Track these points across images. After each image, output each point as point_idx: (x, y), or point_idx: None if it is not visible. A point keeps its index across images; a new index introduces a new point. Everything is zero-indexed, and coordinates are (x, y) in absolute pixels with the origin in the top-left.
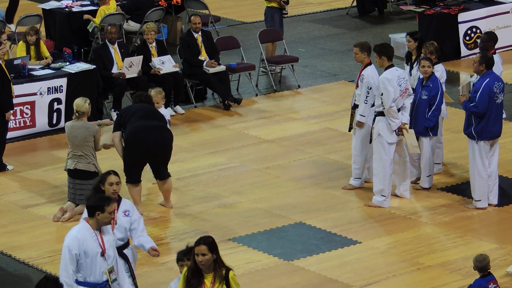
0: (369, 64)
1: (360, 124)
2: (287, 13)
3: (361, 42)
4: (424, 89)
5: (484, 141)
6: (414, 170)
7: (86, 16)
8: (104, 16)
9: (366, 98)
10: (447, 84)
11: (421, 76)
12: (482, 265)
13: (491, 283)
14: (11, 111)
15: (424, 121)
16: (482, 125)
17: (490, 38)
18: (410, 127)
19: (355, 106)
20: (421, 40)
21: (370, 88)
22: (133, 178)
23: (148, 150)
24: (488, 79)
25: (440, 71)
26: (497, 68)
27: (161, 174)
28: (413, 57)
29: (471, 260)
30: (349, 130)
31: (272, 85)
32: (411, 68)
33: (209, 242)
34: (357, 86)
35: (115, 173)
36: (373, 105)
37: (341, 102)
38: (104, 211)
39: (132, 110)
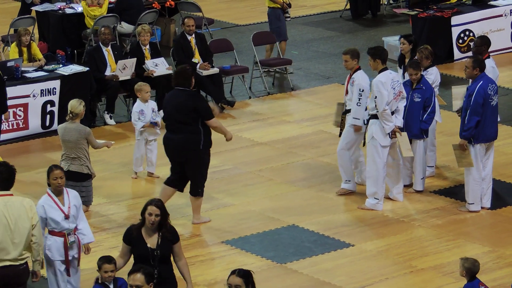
0: (359, 69)
1: (357, 128)
2: (289, 17)
3: (351, 49)
4: (417, 92)
5: (480, 144)
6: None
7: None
8: (98, 19)
9: (359, 100)
10: (440, 87)
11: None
12: (476, 269)
13: (481, 285)
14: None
15: (419, 124)
16: (478, 128)
17: (484, 42)
18: (403, 130)
19: (346, 112)
20: (415, 43)
21: (363, 91)
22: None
23: (175, 158)
24: (481, 82)
25: (434, 74)
26: (494, 72)
27: (192, 189)
28: (407, 60)
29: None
30: (340, 136)
31: (266, 88)
32: (404, 71)
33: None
34: (346, 92)
35: (239, 273)
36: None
37: (335, 104)
38: None
39: (164, 111)
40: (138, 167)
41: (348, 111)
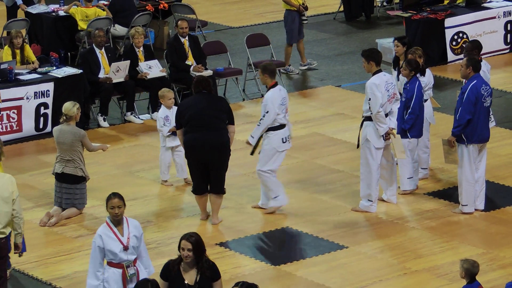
0: (273, 86)
1: (249, 144)
2: (306, 20)
3: (263, 65)
4: (404, 91)
5: (473, 145)
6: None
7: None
8: (91, 21)
9: (260, 120)
10: (434, 89)
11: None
12: (476, 270)
13: None
14: None
15: (401, 123)
16: (471, 127)
17: (475, 46)
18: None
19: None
20: (409, 44)
21: (267, 112)
22: (197, 189)
23: (204, 159)
24: (475, 81)
25: (427, 76)
26: (485, 77)
27: (217, 188)
28: (401, 62)
29: (458, 265)
30: (251, 154)
31: (259, 90)
32: (399, 73)
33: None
34: None
35: (242, 287)
36: (271, 128)
37: (328, 107)
38: None
39: (188, 112)
40: (166, 175)
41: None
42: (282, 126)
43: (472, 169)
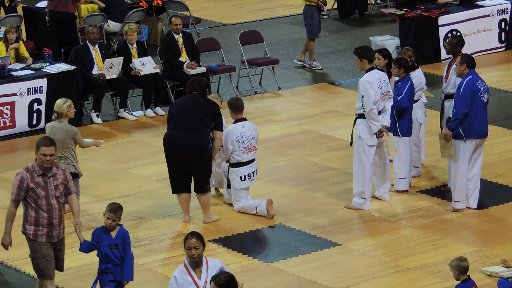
0: (237, 121)
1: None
2: (326, 15)
3: (230, 101)
4: (395, 89)
5: (471, 141)
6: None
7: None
8: (85, 17)
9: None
10: (428, 87)
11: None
12: (466, 263)
13: (474, 287)
14: None
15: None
16: (468, 122)
17: (459, 42)
18: (390, 130)
19: None
20: (390, 57)
21: (222, 146)
22: (173, 187)
23: (178, 157)
24: (471, 76)
25: (416, 77)
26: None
27: (198, 187)
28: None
29: (451, 263)
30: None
31: (253, 87)
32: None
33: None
34: None
35: None
36: (231, 165)
37: (322, 104)
38: None
39: (173, 109)
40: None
41: None
42: (240, 164)
43: (467, 166)
